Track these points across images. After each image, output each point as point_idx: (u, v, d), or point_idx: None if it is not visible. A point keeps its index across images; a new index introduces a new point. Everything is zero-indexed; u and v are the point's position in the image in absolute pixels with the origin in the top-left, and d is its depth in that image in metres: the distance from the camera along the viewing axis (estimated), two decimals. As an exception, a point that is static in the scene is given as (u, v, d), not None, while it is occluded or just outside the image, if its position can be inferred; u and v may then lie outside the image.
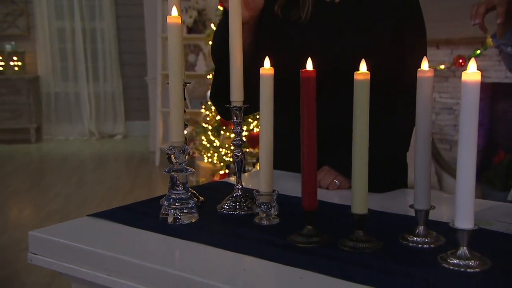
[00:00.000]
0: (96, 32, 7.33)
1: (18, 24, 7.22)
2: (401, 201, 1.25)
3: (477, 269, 0.82)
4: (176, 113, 1.04)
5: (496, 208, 1.10)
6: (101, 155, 6.45)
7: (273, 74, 1.02)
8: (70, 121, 7.37)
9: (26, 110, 7.00)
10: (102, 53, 7.34)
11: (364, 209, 0.91)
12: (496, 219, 1.03)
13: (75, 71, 7.33)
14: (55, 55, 7.29)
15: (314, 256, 0.88)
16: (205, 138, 4.02)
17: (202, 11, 5.58)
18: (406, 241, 0.94)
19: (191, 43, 5.71)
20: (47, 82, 7.29)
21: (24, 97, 6.99)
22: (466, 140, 0.81)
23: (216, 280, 0.78)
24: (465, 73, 0.80)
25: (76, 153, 6.56)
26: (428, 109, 0.92)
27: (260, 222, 1.04)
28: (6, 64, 7.02)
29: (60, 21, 7.28)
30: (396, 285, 0.77)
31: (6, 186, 5.09)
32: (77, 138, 7.36)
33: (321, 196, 1.22)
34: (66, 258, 0.93)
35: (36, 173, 5.71)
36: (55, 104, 7.34)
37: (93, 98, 7.37)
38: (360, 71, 0.89)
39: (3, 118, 6.95)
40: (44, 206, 4.46)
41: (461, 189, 0.81)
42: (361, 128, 0.89)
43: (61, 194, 4.81)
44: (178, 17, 1.03)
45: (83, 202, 4.55)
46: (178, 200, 1.03)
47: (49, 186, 5.14)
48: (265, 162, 1.04)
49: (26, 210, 4.50)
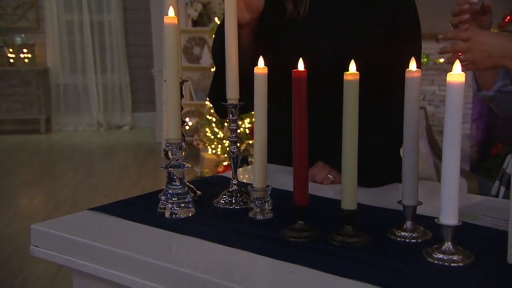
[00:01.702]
0: (104, 24, 7.34)
1: (28, 17, 7.24)
2: (393, 196, 1.26)
3: (460, 263, 0.83)
4: (173, 111, 1.05)
5: (484, 203, 1.11)
6: (109, 146, 6.48)
7: (266, 73, 1.03)
8: (78, 112, 7.40)
9: (36, 101, 7.04)
10: (110, 45, 7.35)
11: (353, 205, 0.93)
12: (483, 213, 1.04)
13: (83, 63, 7.35)
14: (64, 47, 7.31)
15: (305, 250, 0.90)
16: (209, 130, 4.03)
17: (207, 4, 5.57)
18: (394, 236, 0.95)
19: (196, 36, 5.71)
20: (56, 73, 7.32)
21: (34, 89, 7.02)
22: (451, 139, 0.82)
23: (208, 274, 0.80)
24: (450, 74, 0.81)
25: (85, 144, 6.60)
26: (415, 108, 0.93)
27: (254, 217, 1.05)
28: (16, 56, 7.05)
29: (69, 14, 7.29)
30: (381, 279, 0.78)
31: (17, 176, 5.13)
32: (85, 129, 7.40)
33: (316, 190, 1.24)
34: (66, 251, 0.95)
35: (46, 163, 5.75)
36: (64, 95, 7.38)
37: (101, 90, 7.39)
38: (349, 72, 0.90)
39: (14, 109, 6.99)
40: (53, 195, 4.51)
41: (446, 187, 0.83)
42: (350, 126, 0.90)
43: (69, 184, 4.85)
44: (174, 17, 1.04)
45: (91, 192, 4.59)
46: (175, 195, 1.05)
47: (58, 176, 5.18)
48: (259, 158, 1.05)
49: (36, 199, 4.54)
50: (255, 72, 1.03)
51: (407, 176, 0.95)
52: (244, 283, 0.78)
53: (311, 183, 1.32)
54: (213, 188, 1.22)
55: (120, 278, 0.88)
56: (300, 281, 0.80)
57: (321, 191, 1.24)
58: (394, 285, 0.77)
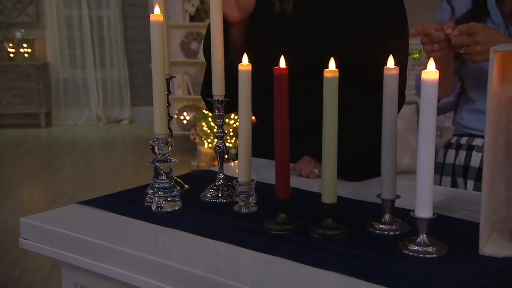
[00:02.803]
0: (103, 20, 7.33)
1: (27, 12, 7.22)
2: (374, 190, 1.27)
3: (434, 254, 0.84)
4: (159, 107, 1.06)
5: (461, 196, 1.12)
6: (108, 139, 6.49)
7: (250, 70, 1.04)
8: (78, 106, 7.41)
9: (36, 96, 7.04)
10: (109, 40, 7.34)
11: (333, 198, 0.94)
12: (460, 206, 1.05)
13: (82, 58, 7.35)
14: (64, 42, 7.30)
15: (285, 242, 0.91)
16: (205, 124, 4.04)
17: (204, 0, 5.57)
18: (373, 228, 0.96)
19: (193, 31, 5.71)
20: (56, 68, 7.32)
21: (34, 83, 7.02)
22: (425, 135, 0.83)
23: (190, 266, 0.81)
24: (425, 72, 0.82)
25: (84, 137, 6.61)
26: (393, 105, 0.94)
27: (239, 210, 1.07)
28: (16, 51, 7.04)
29: (68, 9, 7.28)
30: (357, 270, 0.80)
31: (17, 169, 5.15)
32: (85, 123, 7.40)
33: (301, 184, 1.26)
34: (54, 243, 0.96)
35: (46, 156, 5.76)
36: (64, 89, 7.37)
37: (100, 84, 7.39)
38: (329, 69, 0.91)
39: (14, 103, 6.99)
40: (53, 188, 4.52)
41: (421, 181, 0.84)
42: (330, 122, 0.92)
43: (69, 177, 4.87)
44: (160, 15, 1.05)
45: (90, 185, 4.60)
46: (161, 189, 1.06)
47: (58, 169, 5.19)
48: (243, 153, 1.06)
49: (36, 192, 4.56)
50: (239, 69, 1.04)
51: (386, 171, 0.96)
52: (224, 274, 0.79)
53: (297, 177, 1.34)
54: (200, 182, 1.23)
55: (106, 270, 0.89)
56: (278, 273, 0.81)
57: (306, 185, 1.25)
58: (370, 276, 0.78)
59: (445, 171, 1.43)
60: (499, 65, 0.84)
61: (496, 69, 0.81)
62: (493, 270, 0.80)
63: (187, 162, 5.04)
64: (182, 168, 4.86)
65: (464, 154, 1.39)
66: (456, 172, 1.40)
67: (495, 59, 0.79)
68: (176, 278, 0.82)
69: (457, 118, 1.43)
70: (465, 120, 1.39)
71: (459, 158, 1.40)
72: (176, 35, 5.90)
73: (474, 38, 1.11)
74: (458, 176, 1.40)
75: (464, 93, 1.41)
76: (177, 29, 5.85)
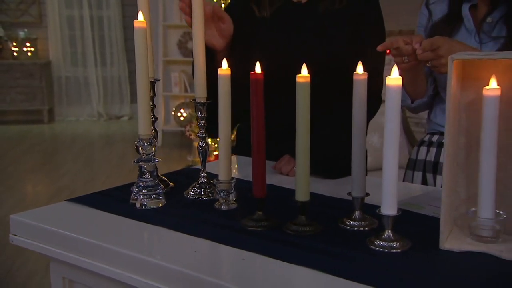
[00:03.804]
0: (103, 19, 7.32)
1: (30, 12, 7.21)
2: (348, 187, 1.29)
3: (398, 249, 0.86)
4: (143, 109, 1.07)
5: (431, 193, 1.14)
6: (109, 135, 6.50)
7: (230, 74, 1.06)
8: (80, 103, 7.41)
9: (39, 93, 7.03)
10: (109, 39, 7.34)
11: (306, 196, 0.96)
12: (428, 203, 1.07)
13: (84, 56, 7.34)
14: (65, 41, 7.29)
15: (261, 238, 0.93)
16: (200, 120, 4.05)
17: (200, 1, 5.56)
18: (344, 224, 0.98)
19: (190, 31, 5.68)
20: (58, 66, 7.31)
21: (37, 81, 7.02)
22: (390, 136, 0.84)
23: (167, 261, 0.83)
24: (389, 78, 0.83)
25: (86, 133, 6.61)
26: (362, 109, 0.95)
27: (219, 207, 1.08)
28: (19, 49, 7.03)
29: (70, 9, 7.27)
30: (326, 265, 0.81)
31: (20, 164, 5.16)
32: (86, 119, 7.41)
33: (282, 182, 1.27)
34: (42, 239, 0.98)
35: (48, 151, 5.77)
36: (66, 87, 7.37)
37: (101, 82, 7.39)
38: (301, 74, 0.92)
39: (18, 100, 6.99)
40: (54, 182, 4.53)
41: (386, 180, 0.86)
42: (303, 125, 0.93)
43: (70, 171, 4.88)
44: (143, 22, 1.07)
45: (90, 179, 4.62)
46: (145, 187, 1.08)
47: (60, 164, 5.20)
48: (224, 153, 1.08)
49: (38, 186, 4.57)
50: (219, 73, 1.05)
51: (355, 170, 0.98)
52: (199, 269, 0.81)
53: (278, 175, 1.35)
54: (185, 180, 1.24)
55: (91, 266, 0.91)
56: (251, 267, 0.83)
57: (286, 183, 1.27)
58: (337, 271, 0.80)
59: (417, 167, 1.45)
60: (459, 72, 0.86)
61: (456, 76, 0.83)
62: (451, 264, 0.82)
63: (183, 157, 5.06)
64: (179, 163, 4.88)
65: (434, 151, 1.41)
66: (426, 168, 1.43)
67: (454, 67, 0.81)
68: (156, 273, 0.83)
69: (431, 117, 1.46)
70: (438, 118, 1.41)
71: (430, 154, 1.42)
72: (173, 34, 5.90)
73: (437, 52, 1.13)
74: (428, 172, 1.42)
75: (438, 94, 1.43)
76: (174, 29, 5.85)
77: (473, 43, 1.30)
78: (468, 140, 0.89)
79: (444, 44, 1.12)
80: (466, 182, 0.91)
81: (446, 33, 1.34)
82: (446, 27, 1.35)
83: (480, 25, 1.30)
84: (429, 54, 1.13)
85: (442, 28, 1.37)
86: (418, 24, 1.49)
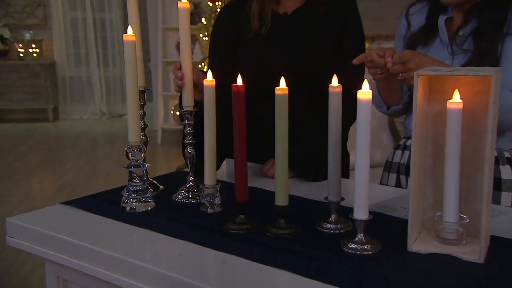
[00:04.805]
0: (106, 21, 7.31)
1: (36, 14, 7.20)
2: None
3: (369, 252, 0.88)
4: (132, 118, 1.09)
5: (405, 196, 1.16)
6: (111, 133, 6.50)
7: (214, 85, 1.07)
8: (83, 102, 7.41)
9: (44, 92, 7.03)
10: (111, 40, 7.33)
11: (285, 201, 0.97)
12: (401, 206, 1.09)
13: (87, 57, 7.34)
14: (69, 42, 7.28)
15: (242, 241, 0.94)
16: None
17: (198, 4, 5.56)
18: (321, 227, 1.00)
19: (188, 33, 5.71)
20: (62, 67, 7.31)
21: (42, 81, 7.01)
22: (362, 146, 0.86)
23: (152, 264, 0.85)
24: (360, 92, 0.85)
25: (89, 131, 6.62)
26: (337, 119, 0.96)
27: (205, 211, 1.10)
28: (25, 51, 7.03)
29: (73, 12, 7.25)
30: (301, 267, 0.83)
31: (26, 161, 5.16)
32: (89, 117, 7.41)
33: (267, 185, 1.29)
34: (36, 242, 0.99)
35: (53, 149, 5.77)
36: (69, 86, 7.37)
37: (104, 81, 7.39)
38: (279, 87, 0.94)
39: (24, 99, 6.99)
40: (58, 179, 4.54)
41: (358, 186, 0.87)
42: (281, 135, 0.94)
43: (73, 168, 4.88)
44: (133, 36, 1.08)
45: (92, 176, 4.63)
46: (135, 192, 1.09)
47: (63, 161, 5.21)
48: (209, 160, 1.09)
49: (43, 182, 4.58)
50: (204, 84, 1.07)
51: (332, 176, 0.99)
52: (181, 272, 0.83)
53: (264, 178, 1.37)
54: (174, 183, 1.26)
55: (81, 267, 0.93)
56: (231, 270, 0.84)
57: (271, 186, 1.28)
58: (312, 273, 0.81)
59: (392, 169, 1.47)
60: (426, 86, 0.87)
61: (422, 90, 0.85)
62: (418, 265, 0.84)
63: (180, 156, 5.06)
64: (178, 160, 4.89)
65: (408, 154, 1.43)
66: (400, 170, 1.45)
67: (420, 81, 0.82)
68: (141, 275, 0.85)
69: (406, 122, 1.47)
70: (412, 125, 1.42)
71: (404, 157, 1.44)
72: (172, 36, 5.90)
73: (406, 66, 1.13)
74: (401, 174, 1.44)
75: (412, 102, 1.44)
76: (173, 31, 5.86)
77: (446, 54, 1.32)
78: (435, 149, 0.91)
79: (413, 58, 1.13)
80: (433, 187, 0.93)
81: (423, 44, 1.35)
82: (423, 38, 1.36)
83: (453, 37, 1.32)
84: (399, 67, 1.14)
85: (419, 38, 1.38)
86: (397, 33, 1.50)
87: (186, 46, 1.15)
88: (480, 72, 0.79)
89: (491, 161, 0.81)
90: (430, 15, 1.39)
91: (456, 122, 0.83)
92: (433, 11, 1.38)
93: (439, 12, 1.37)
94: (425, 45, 1.36)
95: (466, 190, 0.89)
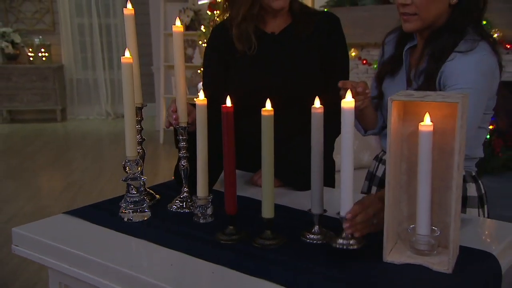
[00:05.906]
0: (111, 27, 7.31)
1: (45, 20, 7.20)
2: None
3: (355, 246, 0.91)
4: (130, 133, 1.10)
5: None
6: (116, 133, 6.51)
7: (206, 104, 1.09)
8: (89, 103, 7.42)
9: (52, 94, 7.05)
10: (116, 45, 7.33)
11: (271, 214, 0.99)
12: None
13: (93, 61, 7.34)
14: (76, 47, 7.28)
15: (230, 252, 0.96)
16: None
17: (198, 12, 5.57)
18: (305, 238, 1.02)
19: (189, 39, 5.71)
20: (70, 70, 7.32)
21: (51, 83, 7.02)
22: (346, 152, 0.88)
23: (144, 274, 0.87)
24: (344, 101, 0.87)
25: (95, 131, 6.63)
26: (320, 138, 0.97)
27: (197, 221, 1.12)
28: (35, 55, 7.04)
29: (80, 18, 7.25)
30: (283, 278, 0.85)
31: (35, 160, 5.17)
32: (96, 118, 7.42)
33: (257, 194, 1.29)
34: (40, 251, 1.01)
35: (61, 148, 5.78)
36: (77, 88, 7.38)
37: (109, 83, 7.40)
38: (265, 108, 0.96)
39: (33, 101, 7.01)
40: (65, 177, 4.56)
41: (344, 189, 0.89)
42: (267, 153, 0.96)
43: (80, 167, 4.90)
44: (130, 58, 1.09)
45: (97, 175, 4.64)
46: (132, 203, 1.11)
47: (71, 160, 5.22)
48: (201, 173, 1.10)
49: (51, 181, 4.59)
50: (196, 103, 1.09)
51: (314, 190, 1.01)
52: (173, 282, 0.85)
53: (254, 187, 1.38)
54: (170, 193, 1.28)
55: (80, 276, 0.95)
56: (219, 281, 0.87)
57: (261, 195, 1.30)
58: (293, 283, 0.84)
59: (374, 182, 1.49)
60: (401, 108, 0.89)
61: (396, 114, 0.87)
62: (391, 276, 0.86)
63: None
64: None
65: (383, 168, 1.43)
66: (374, 180, 1.47)
67: (393, 105, 0.84)
68: (135, 285, 0.87)
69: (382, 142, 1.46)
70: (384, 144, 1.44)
71: (379, 170, 1.46)
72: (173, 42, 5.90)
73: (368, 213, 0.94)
74: (374, 185, 1.46)
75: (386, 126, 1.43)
76: (174, 37, 5.85)
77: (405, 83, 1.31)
78: (409, 166, 0.93)
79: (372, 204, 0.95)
80: (408, 201, 0.95)
81: (390, 74, 1.35)
82: (389, 68, 1.36)
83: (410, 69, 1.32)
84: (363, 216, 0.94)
85: (388, 67, 1.38)
86: (378, 59, 1.50)
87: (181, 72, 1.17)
88: (448, 98, 0.81)
89: (458, 180, 0.83)
90: (398, 45, 1.37)
91: (427, 143, 0.85)
92: (400, 41, 1.36)
93: (406, 41, 1.35)
94: (391, 75, 1.35)
95: (437, 204, 0.91)
